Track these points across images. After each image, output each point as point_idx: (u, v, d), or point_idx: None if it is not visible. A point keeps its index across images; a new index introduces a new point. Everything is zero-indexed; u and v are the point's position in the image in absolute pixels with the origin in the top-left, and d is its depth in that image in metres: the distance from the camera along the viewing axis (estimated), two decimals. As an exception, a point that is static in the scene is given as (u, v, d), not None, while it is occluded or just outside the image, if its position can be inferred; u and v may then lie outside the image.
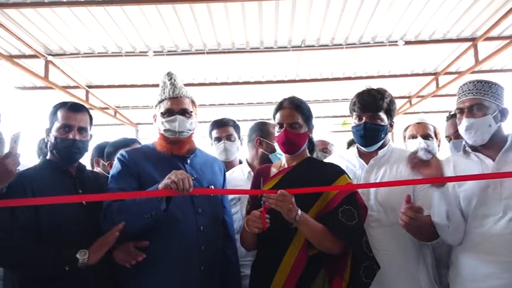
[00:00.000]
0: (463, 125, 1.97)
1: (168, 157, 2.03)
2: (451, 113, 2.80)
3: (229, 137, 2.81)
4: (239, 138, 2.87)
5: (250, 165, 2.68)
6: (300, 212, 1.79)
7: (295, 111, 2.01)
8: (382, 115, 2.09)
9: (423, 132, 2.78)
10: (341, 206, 1.85)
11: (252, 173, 2.57)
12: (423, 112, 8.70)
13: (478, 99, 1.94)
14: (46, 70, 5.66)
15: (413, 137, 2.80)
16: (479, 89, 1.95)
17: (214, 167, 2.21)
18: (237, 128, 2.87)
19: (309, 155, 2.10)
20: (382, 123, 2.10)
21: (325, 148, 3.22)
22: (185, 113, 2.04)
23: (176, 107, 2.03)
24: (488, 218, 1.88)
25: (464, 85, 2.01)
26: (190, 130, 2.07)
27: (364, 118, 2.09)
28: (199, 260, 1.95)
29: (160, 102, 2.06)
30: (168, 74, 2.09)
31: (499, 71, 6.75)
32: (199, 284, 1.94)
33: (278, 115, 2.04)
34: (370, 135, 2.10)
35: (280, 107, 2.06)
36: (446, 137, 2.86)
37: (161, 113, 2.04)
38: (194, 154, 2.12)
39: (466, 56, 5.81)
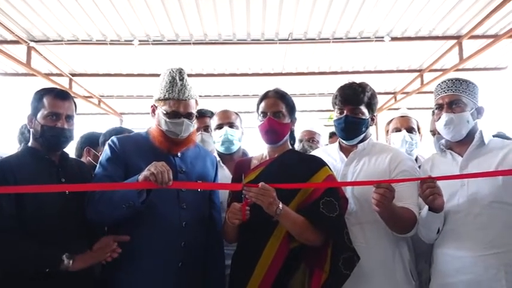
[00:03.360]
0: (442, 120, 2.02)
1: (159, 149, 1.99)
2: None
3: (206, 128, 2.78)
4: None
5: (218, 154, 2.65)
6: (281, 205, 1.78)
7: (280, 100, 2.03)
8: (363, 109, 2.12)
9: (407, 125, 2.83)
10: (322, 198, 1.86)
11: (221, 163, 2.58)
12: (407, 108, 8.76)
13: (458, 96, 2.00)
14: (28, 56, 5.55)
15: (397, 130, 2.84)
16: (458, 86, 2.01)
17: (207, 161, 2.18)
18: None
19: (290, 147, 2.10)
20: (363, 117, 2.12)
21: (312, 138, 3.17)
22: (190, 116, 2.00)
23: (183, 111, 1.96)
24: (457, 214, 1.92)
25: (442, 83, 2.06)
26: (191, 131, 2.04)
27: (345, 111, 2.12)
28: (178, 256, 1.93)
29: (166, 99, 1.96)
30: (179, 72, 1.98)
31: (482, 69, 6.86)
32: (175, 279, 1.92)
33: (262, 104, 2.04)
34: (351, 129, 2.12)
35: (264, 96, 2.06)
36: (430, 131, 2.89)
37: (166, 112, 1.96)
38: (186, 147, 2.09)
39: (450, 53, 5.87)
